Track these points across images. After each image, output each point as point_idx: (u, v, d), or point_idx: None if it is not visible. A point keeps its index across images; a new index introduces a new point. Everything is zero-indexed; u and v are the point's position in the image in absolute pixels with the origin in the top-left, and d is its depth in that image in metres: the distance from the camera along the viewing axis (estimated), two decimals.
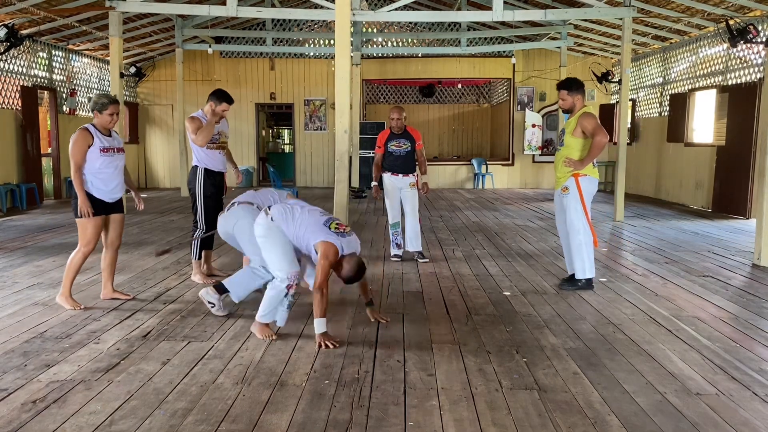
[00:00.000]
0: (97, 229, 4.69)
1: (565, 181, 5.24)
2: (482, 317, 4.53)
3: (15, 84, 11.25)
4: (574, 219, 5.21)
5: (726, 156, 10.37)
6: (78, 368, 3.47)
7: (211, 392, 3.17)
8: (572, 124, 5.21)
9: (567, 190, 5.24)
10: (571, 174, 5.18)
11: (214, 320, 4.40)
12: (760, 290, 5.38)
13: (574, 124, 5.18)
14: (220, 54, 15.74)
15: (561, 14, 10.13)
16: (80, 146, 4.58)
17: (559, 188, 5.34)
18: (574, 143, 5.20)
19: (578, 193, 5.17)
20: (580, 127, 5.14)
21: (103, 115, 4.64)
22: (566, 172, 5.22)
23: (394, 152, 6.49)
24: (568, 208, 5.23)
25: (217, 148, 5.45)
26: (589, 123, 5.12)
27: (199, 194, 5.40)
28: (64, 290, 4.71)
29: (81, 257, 4.70)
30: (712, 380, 3.36)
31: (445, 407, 3.01)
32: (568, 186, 5.23)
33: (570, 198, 5.21)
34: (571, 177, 5.19)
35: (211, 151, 5.40)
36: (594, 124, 5.11)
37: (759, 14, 9.35)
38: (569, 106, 5.27)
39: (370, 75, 16.05)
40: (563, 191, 5.27)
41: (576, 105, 5.24)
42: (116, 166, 4.74)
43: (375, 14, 9.11)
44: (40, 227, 8.71)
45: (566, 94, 5.25)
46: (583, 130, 5.14)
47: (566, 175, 5.22)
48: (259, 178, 16.41)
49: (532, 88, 15.97)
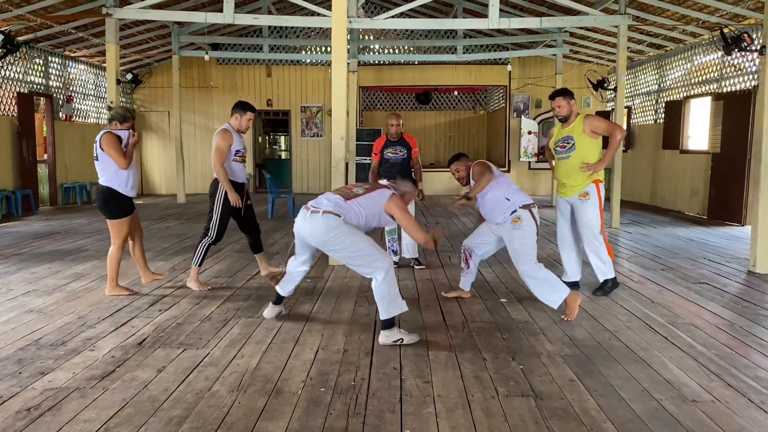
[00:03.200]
0: (129, 226, 5.23)
1: (584, 187, 5.24)
2: (478, 324, 4.52)
3: (11, 90, 11.25)
4: (594, 225, 5.24)
5: (721, 163, 10.41)
6: (73, 376, 3.45)
7: (207, 400, 3.15)
8: (578, 127, 5.21)
9: (587, 196, 5.23)
10: (592, 180, 5.21)
11: (209, 327, 4.38)
12: (756, 297, 5.39)
13: (581, 126, 5.19)
14: (216, 61, 15.77)
15: (557, 22, 10.17)
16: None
17: (572, 195, 5.32)
18: (587, 146, 5.19)
19: (598, 199, 5.22)
20: (589, 128, 5.15)
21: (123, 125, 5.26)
22: (585, 178, 5.22)
23: (391, 159, 6.52)
24: (587, 213, 5.25)
25: (240, 160, 5.51)
26: (601, 122, 5.17)
27: (218, 204, 5.44)
28: (110, 283, 5.25)
29: (119, 252, 5.23)
30: (707, 387, 3.36)
31: (441, 414, 3.00)
32: (588, 192, 5.23)
33: (590, 204, 5.23)
34: (591, 183, 5.21)
35: (236, 163, 5.47)
36: (607, 122, 5.20)
37: (753, 22, 9.41)
38: (567, 113, 5.28)
39: (366, 82, 16.09)
40: (583, 197, 5.26)
41: (572, 110, 5.29)
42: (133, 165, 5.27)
43: (371, 22, 9.13)
44: (36, 234, 8.69)
45: (563, 100, 5.27)
46: (594, 130, 5.16)
47: (586, 181, 5.22)
48: (255, 185, 16.40)
49: (527, 96, 16.02)
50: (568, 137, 5.30)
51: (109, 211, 5.14)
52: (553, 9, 11.84)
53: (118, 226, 5.17)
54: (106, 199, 5.10)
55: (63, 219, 10.39)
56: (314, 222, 4.02)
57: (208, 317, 4.65)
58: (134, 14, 9.71)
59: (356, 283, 5.77)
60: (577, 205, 5.34)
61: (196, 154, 16.05)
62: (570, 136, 5.28)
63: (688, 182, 11.68)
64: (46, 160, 12.61)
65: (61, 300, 5.10)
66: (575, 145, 5.23)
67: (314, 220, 4.02)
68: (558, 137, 5.42)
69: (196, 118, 15.99)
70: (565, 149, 5.32)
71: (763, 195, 6.35)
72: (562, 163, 5.38)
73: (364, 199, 4.11)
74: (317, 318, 4.66)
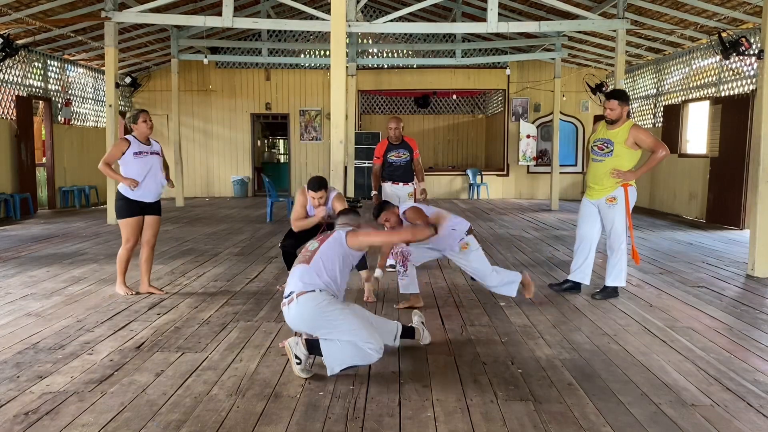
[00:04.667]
0: (133, 228, 5.33)
1: (612, 191, 5.21)
2: (477, 328, 4.52)
3: (10, 94, 11.25)
4: (620, 230, 5.23)
5: (719, 167, 10.43)
6: (71, 380, 3.44)
7: (205, 404, 3.15)
8: (623, 135, 5.13)
9: (615, 201, 5.21)
10: (621, 184, 5.18)
11: (208, 331, 4.38)
12: (754, 301, 5.40)
13: (626, 135, 5.11)
14: (215, 64, 15.78)
15: (555, 26, 10.21)
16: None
17: (599, 198, 5.28)
18: (626, 154, 5.14)
19: (625, 205, 5.20)
20: (633, 140, 5.09)
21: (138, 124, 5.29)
22: (614, 182, 5.19)
23: (395, 162, 6.66)
24: (615, 218, 5.23)
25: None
26: (647, 137, 5.12)
27: None
28: (119, 279, 5.46)
29: (125, 253, 5.39)
30: (706, 391, 3.36)
31: (440, 419, 3.00)
32: (616, 196, 5.20)
33: (617, 209, 5.21)
34: (620, 187, 5.19)
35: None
36: (654, 138, 5.15)
37: (751, 27, 9.43)
38: (617, 116, 5.16)
39: (365, 85, 16.11)
40: (610, 201, 5.23)
41: (623, 116, 5.18)
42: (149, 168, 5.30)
43: (370, 26, 9.15)
44: (34, 237, 8.68)
45: (617, 104, 5.13)
46: (639, 143, 5.10)
47: (615, 185, 5.19)
48: (254, 188, 16.40)
49: (526, 99, 16.04)
50: (608, 141, 5.20)
51: (115, 211, 5.51)
52: (552, 13, 11.86)
53: (121, 227, 5.39)
54: (115, 199, 5.42)
55: (61, 222, 10.38)
56: (295, 310, 3.57)
57: (206, 321, 4.64)
58: (133, 18, 9.73)
59: (354, 287, 5.76)
60: (604, 211, 5.30)
61: (195, 157, 16.06)
62: (611, 141, 5.18)
63: (686, 186, 11.69)
64: (44, 164, 12.60)
65: (59, 303, 5.09)
66: (614, 151, 5.15)
67: (293, 309, 3.57)
68: (599, 136, 5.32)
69: (194, 121, 16.00)
70: (603, 152, 5.23)
71: (761, 199, 6.36)
72: (593, 165, 5.32)
73: (323, 249, 3.72)
74: None
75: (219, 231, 9.60)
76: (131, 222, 5.33)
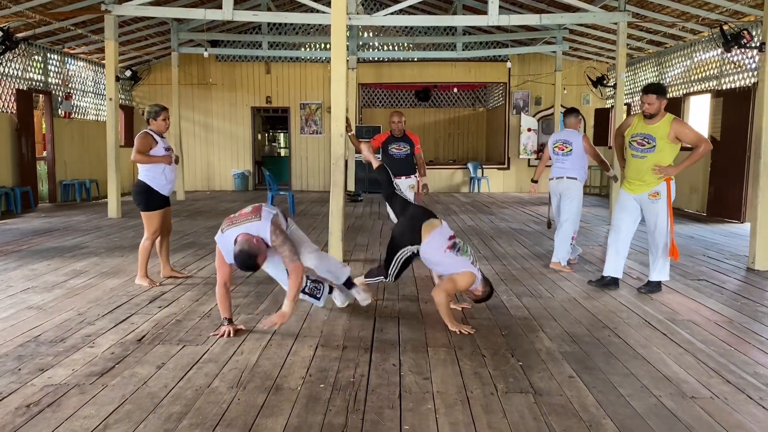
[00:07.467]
0: (160, 220, 5.54)
1: (656, 186, 5.16)
2: (478, 321, 4.53)
3: (10, 87, 11.23)
4: (664, 224, 5.19)
5: (720, 160, 10.41)
6: (72, 372, 3.45)
7: (206, 396, 3.16)
8: (664, 130, 5.05)
9: (658, 196, 5.16)
10: (663, 179, 5.14)
11: (209, 324, 4.39)
12: (755, 294, 5.40)
13: (667, 129, 5.04)
14: (215, 58, 15.75)
15: (556, 19, 10.18)
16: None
17: (641, 192, 5.24)
18: (669, 149, 5.09)
19: (668, 199, 5.16)
20: (675, 134, 5.03)
21: (158, 121, 5.49)
22: (657, 177, 5.14)
23: (395, 155, 6.68)
24: (658, 216, 5.19)
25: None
26: (690, 131, 5.07)
27: None
28: (140, 272, 5.54)
29: (149, 244, 5.54)
30: (706, 383, 3.36)
31: (440, 411, 3.00)
32: (659, 191, 5.15)
33: (661, 205, 5.18)
34: (663, 182, 5.14)
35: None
36: (696, 133, 5.09)
37: (753, 19, 9.40)
38: (656, 111, 5.07)
39: (366, 79, 16.09)
40: (653, 196, 5.18)
41: (661, 110, 5.10)
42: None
43: (371, 18, 9.13)
44: (35, 231, 8.68)
45: (655, 98, 5.04)
46: (680, 137, 5.05)
47: (658, 181, 5.15)
48: (255, 182, 16.41)
49: (527, 92, 16.01)
50: (649, 136, 5.11)
51: (140, 203, 5.56)
52: (553, 6, 11.83)
53: (147, 219, 5.52)
54: (138, 191, 5.54)
55: (62, 216, 10.38)
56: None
57: (207, 314, 4.65)
58: (133, 11, 9.70)
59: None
60: (647, 206, 5.26)
61: (196, 151, 16.05)
62: (652, 136, 5.09)
63: (687, 179, 11.66)
64: (45, 157, 12.60)
65: (60, 297, 5.10)
66: (656, 147, 5.08)
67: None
68: (637, 130, 5.22)
69: (195, 115, 15.98)
70: (644, 148, 5.15)
71: (762, 192, 6.36)
72: (635, 161, 5.24)
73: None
74: (316, 315, 4.66)
75: (220, 224, 9.57)
76: (159, 214, 5.54)
